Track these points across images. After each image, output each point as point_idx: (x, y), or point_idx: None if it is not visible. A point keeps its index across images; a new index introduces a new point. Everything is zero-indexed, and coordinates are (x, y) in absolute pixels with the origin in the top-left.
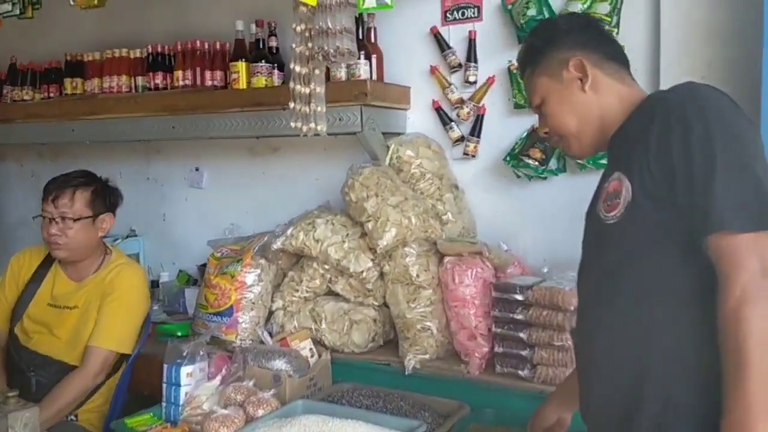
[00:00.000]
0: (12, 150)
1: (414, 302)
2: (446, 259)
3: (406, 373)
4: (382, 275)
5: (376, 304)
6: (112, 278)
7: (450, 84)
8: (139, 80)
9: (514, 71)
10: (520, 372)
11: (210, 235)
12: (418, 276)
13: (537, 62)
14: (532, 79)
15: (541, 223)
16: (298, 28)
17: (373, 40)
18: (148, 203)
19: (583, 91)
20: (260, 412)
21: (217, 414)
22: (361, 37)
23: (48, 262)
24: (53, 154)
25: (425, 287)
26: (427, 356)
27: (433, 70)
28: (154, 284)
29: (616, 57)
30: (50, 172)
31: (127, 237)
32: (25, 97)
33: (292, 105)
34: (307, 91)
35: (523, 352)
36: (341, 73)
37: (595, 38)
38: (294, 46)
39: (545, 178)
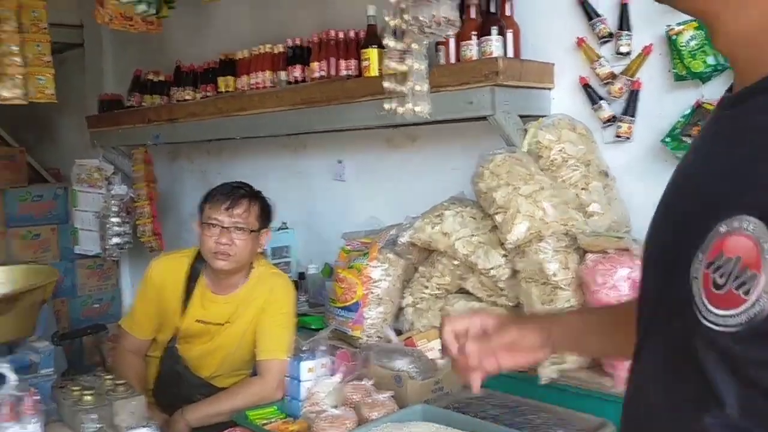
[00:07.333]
0: (183, 148)
1: (550, 304)
2: (588, 256)
3: (541, 382)
4: (515, 273)
5: (510, 304)
6: (268, 291)
7: (599, 57)
8: (281, 75)
9: (674, 37)
10: None
11: (351, 228)
12: (554, 274)
13: None
14: None
15: None
16: None
17: (508, 13)
18: (296, 197)
19: None
20: (374, 415)
21: (327, 414)
22: (494, 10)
23: (193, 277)
24: (217, 151)
25: (563, 288)
26: (566, 365)
27: (579, 43)
28: (301, 276)
29: None
30: (216, 168)
31: (278, 230)
32: (187, 97)
33: (386, 84)
34: (404, 68)
35: None
36: (472, 52)
37: None
38: (387, 18)
39: None
